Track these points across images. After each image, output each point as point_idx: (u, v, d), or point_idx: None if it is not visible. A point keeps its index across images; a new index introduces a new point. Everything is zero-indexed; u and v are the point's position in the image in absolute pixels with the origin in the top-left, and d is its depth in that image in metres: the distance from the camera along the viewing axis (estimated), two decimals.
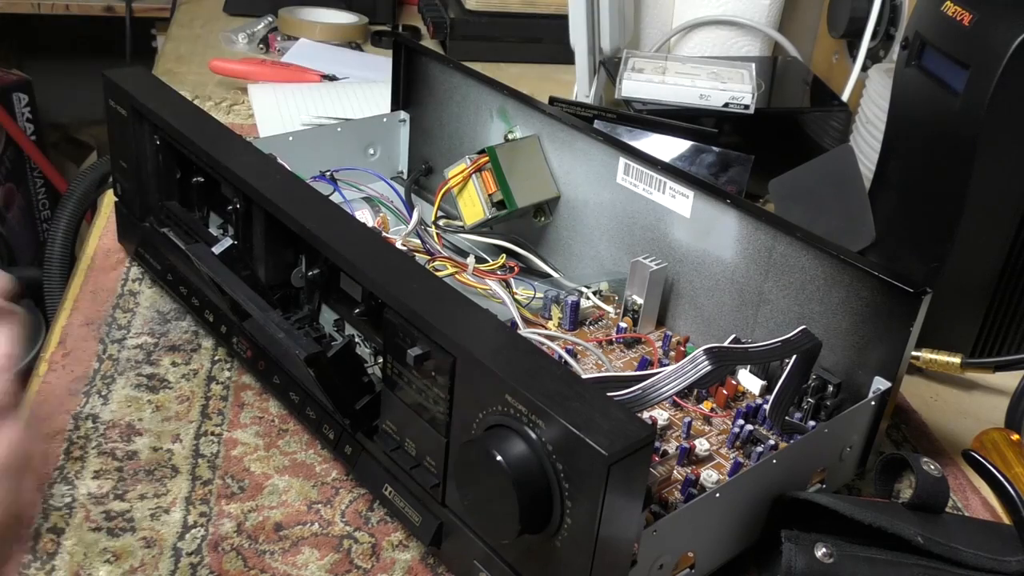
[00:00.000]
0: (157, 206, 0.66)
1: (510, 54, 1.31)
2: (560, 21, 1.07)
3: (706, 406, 0.58)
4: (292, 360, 0.56)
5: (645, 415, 0.56)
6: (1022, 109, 0.61)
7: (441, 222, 0.73)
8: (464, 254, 0.70)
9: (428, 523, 0.49)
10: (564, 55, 1.07)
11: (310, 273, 0.57)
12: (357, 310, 0.54)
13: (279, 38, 1.27)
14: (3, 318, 0.43)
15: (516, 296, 0.66)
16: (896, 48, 0.77)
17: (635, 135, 0.84)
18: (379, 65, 1.19)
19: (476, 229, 0.71)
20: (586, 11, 0.98)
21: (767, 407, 0.55)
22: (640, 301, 0.64)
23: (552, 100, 0.88)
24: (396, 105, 0.82)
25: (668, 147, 0.82)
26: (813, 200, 0.77)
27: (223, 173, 0.58)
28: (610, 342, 0.64)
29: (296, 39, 1.27)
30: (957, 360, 0.64)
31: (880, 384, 0.54)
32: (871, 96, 0.90)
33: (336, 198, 0.72)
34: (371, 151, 0.81)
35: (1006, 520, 0.56)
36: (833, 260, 0.55)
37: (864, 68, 1.00)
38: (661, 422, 0.56)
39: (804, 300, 0.57)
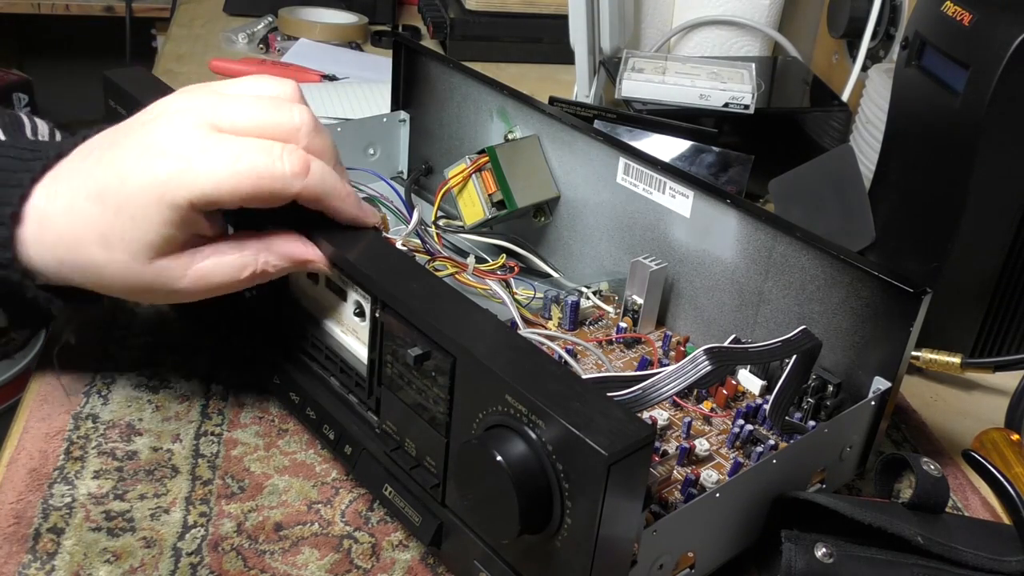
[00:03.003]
0: None
1: (510, 54, 1.31)
2: (560, 21, 1.07)
3: (706, 406, 0.58)
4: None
5: (645, 415, 0.56)
6: (1022, 109, 0.61)
7: (441, 222, 0.73)
8: (464, 254, 0.70)
9: (428, 523, 0.49)
10: (564, 55, 1.07)
11: None
12: None
13: (279, 38, 1.27)
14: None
15: (516, 296, 0.66)
16: (896, 48, 0.77)
17: (635, 135, 0.84)
18: (379, 65, 1.20)
19: (476, 229, 0.71)
20: (586, 11, 0.98)
21: (767, 407, 0.55)
22: (640, 301, 0.64)
23: (552, 100, 0.88)
24: (396, 105, 0.82)
25: (668, 147, 0.82)
26: (813, 200, 0.77)
27: None
28: (610, 342, 0.64)
29: (296, 39, 1.27)
30: (957, 360, 0.64)
31: (880, 384, 0.54)
32: (871, 96, 0.90)
33: None
34: (371, 151, 0.81)
35: (1006, 520, 0.56)
36: (833, 260, 0.55)
37: (864, 68, 1.00)
38: (661, 422, 0.56)
39: (804, 300, 0.57)
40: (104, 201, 0.47)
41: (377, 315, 0.49)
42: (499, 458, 0.40)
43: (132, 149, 0.48)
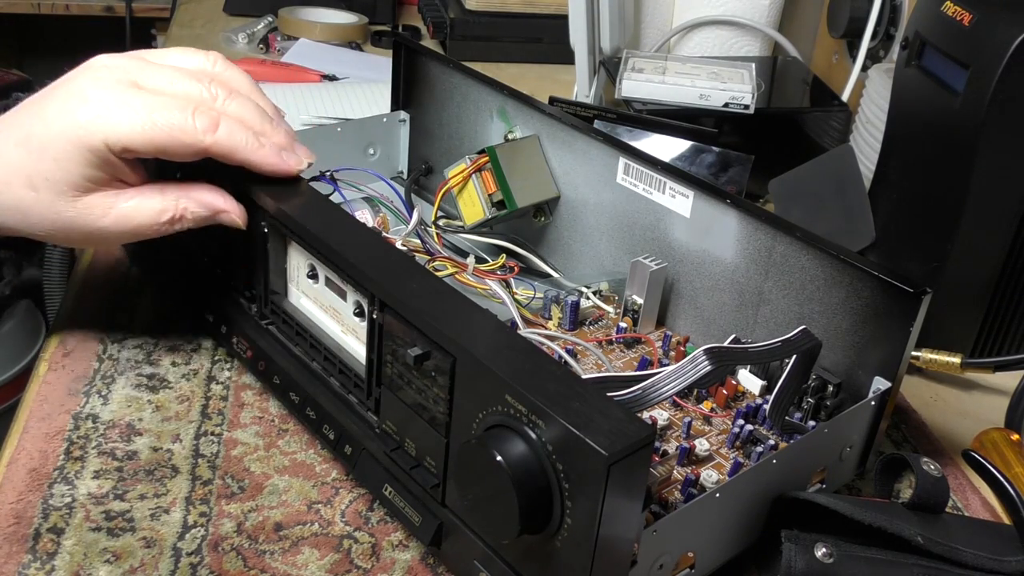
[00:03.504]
0: None
1: (510, 54, 1.31)
2: (560, 21, 1.07)
3: (706, 406, 0.58)
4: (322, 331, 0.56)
5: (645, 415, 0.56)
6: (1022, 109, 0.61)
7: (441, 222, 0.73)
8: (464, 254, 0.70)
9: (428, 523, 0.49)
10: (564, 55, 1.07)
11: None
12: None
13: (279, 38, 1.27)
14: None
15: (516, 296, 0.66)
16: (896, 48, 0.77)
17: (635, 135, 0.84)
18: (379, 65, 1.19)
19: (476, 229, 0.71)
20: (586, 11, 0.98)
21: (767, 407, 0.55)
22: (640, 301, 0.64)
23: (552, 100, 0.88)
24: (396, 105, 0.82)
25: (668, 147, 0.82)
26: (813, 200, 0.77)
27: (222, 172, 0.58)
28: (610, 342, 0.64)
29: (296, 39, 1.27)
30: (957, 360, 0.64)
31: (880, 384, 0.54)
32: (871, 96, 0.90)
33: (336, 198, 0.72)
34: (371, 151, 0.81)
35: (1006, 520, 0.56)
36: (833, 260, 0.55)
37: (864, 68, 1.00)
38: (661, 422, 0.56)
39: (804, 300, 0.57)
40: (29, 144, 0.51)
41: (375, 316, 0.49)
42: (499, 458, 0.40)
43: (57, 98, 0.52)
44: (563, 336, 0.63)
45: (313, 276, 0.56)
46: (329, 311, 0.55)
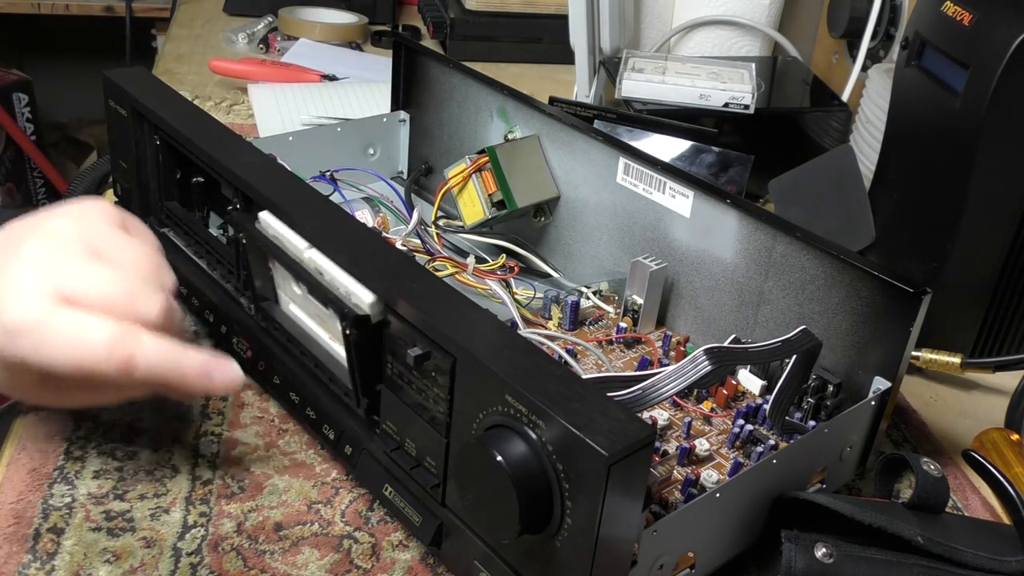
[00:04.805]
0: (157, 206, 0.66)
1: (510, 54, 1.31)
2: (560, 21, 1.07)
3: (706, 406, 0.58)
4: (311, 339, 0.56)
5: (645, 415, 0.56)
6: (1022, 109, 0.61)
7: (441, 222, 0.73)
8: (464, 254, 0.70)
9: (428, 523, 0.49)
10: (564, 55, 1.07)
11: None
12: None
13: (279, 38, 1.27)
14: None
15: (516, 296, 0.66)
16: (896, 48, 0.77)
17: (635, 135, 0.84)
18: (379, 65, 1.19)
19: (476, 229, 0.71)
20: (586, 11, 0.98)
21: (767, 407, 0.55)
22: (640, 301, 0.64)
23: (552, 100, 0.88)
24: (396, 105, 0.82)
25: (668, 147, 0.82)
26: (813, 200, 0.77)
27: (223, 173, 0.58)
28: (610, 342, 0.64)
29: (296, 39, 1.27)
30: (957, 360, 0.64)
31: (880, 384, 0.54)
32: (871, 96, 0.90)
33: (336, 198, 0.72)
34: (371, 151, 0.81)
35: (1006, 520, 0.56)
36: (833, 260, 0.55)
37: (864, 68, 1.00)
38: (661, 422, 0.56)
39: (804, 300, 0.57)
40: None
41: (347, 332, 0.48)
42: (499, 458, 0.40)
43: None
44: (563, 336, 0.63)
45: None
46: (316, 318, 0.55)
